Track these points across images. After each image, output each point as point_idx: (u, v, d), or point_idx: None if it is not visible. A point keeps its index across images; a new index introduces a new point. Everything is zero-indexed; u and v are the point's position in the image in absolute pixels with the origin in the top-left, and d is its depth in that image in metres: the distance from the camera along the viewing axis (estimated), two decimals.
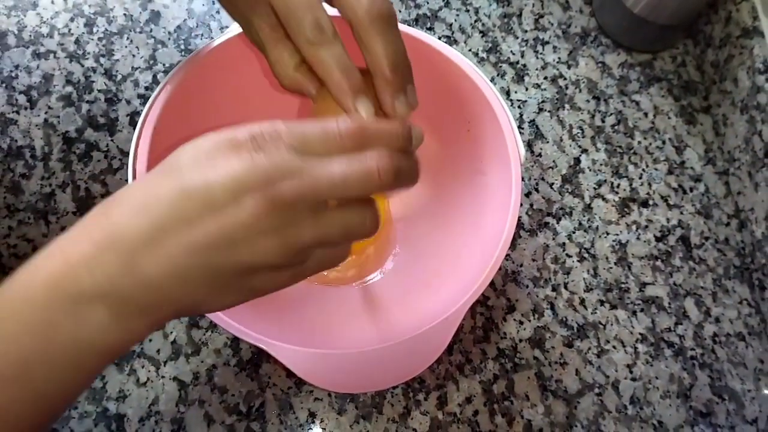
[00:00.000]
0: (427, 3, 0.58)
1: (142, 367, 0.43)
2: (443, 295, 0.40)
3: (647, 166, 0.54)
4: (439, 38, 0.56)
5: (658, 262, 0.51)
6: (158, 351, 0.43)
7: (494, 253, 0.37)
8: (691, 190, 0.54)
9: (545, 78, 0.56)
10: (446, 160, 0.46)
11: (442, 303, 0.37)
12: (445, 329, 0.36)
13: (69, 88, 0.50)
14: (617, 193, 0.53)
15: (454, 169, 0.45)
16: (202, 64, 0.40)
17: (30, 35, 0.51)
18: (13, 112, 0.48)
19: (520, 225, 0.50)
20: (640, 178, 0.54)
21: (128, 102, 0.50)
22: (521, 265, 0.49)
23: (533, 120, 0.55)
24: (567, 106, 0.55)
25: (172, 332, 0.44)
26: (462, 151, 0.44)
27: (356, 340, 0.39)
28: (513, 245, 0.49)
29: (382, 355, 0.35)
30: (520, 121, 0.54)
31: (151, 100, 0.38)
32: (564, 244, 0.50)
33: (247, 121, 0.34)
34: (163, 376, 0.43)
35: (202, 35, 0.53)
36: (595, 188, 0.53)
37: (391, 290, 0.45)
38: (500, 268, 0.39)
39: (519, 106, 0.55)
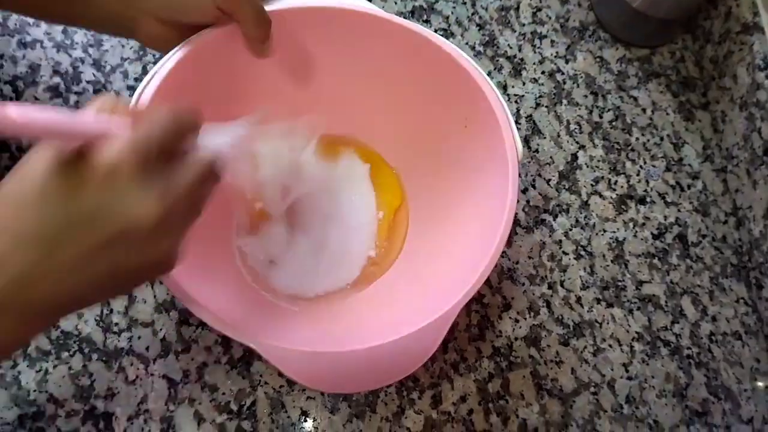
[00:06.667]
0: None
1: (131, 364, 0.42)
2: (438, 292, 0.39)
3: (645, 162, 0.54)
4: (435, 31, 0.55)
5: (655, 260, 0.50)
6: (147, 348, 0.42)
7: (490, 250, 0.36)
8: (689, 187, 0.53)
9: (543, 72, 0.56)
10: (442, 156, 0.45)
11: (437, 300, 0.37)
12: (439, 327, 0.35)
13: (56, 79, 0.49)
14: (614, 190, 0.52)
15: (451, 165, 0.45)
16: (193, 54, 0.39)
17: (15, 24, 0.50)
18: None
19: (516, 222, 0.50)
20: (638, 174, 0.53)
21: (117, 93, 0.49)
22: (517, 263, 0.48)
23: (530, 115, 0.54)
24: (564, 101, 0.55)
25: (161, 329, 0.43)
26: (459, 146, 0.44)
27: (348, 339, 0.38)
28: (509, 242, 0.49)
29: (375, 354, 0.34)
30: (517, 116, 0.54)
31: (138, 91, 0.37)
32: (560, 241, 0.50)
33: (239, 114, 0.33)
34: (152, 374, 0.42)
35: None
36: (592, 185, 0.52)
37: (384, 287, 0.44)
38: (496, 266, 0.38)
39: (516, 101, 0.54)
